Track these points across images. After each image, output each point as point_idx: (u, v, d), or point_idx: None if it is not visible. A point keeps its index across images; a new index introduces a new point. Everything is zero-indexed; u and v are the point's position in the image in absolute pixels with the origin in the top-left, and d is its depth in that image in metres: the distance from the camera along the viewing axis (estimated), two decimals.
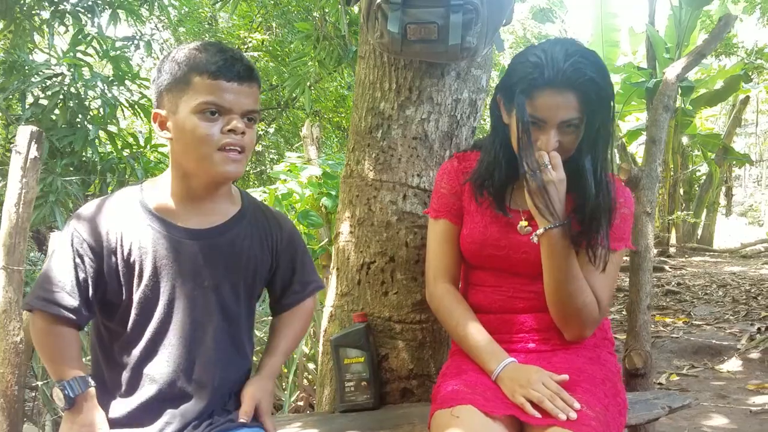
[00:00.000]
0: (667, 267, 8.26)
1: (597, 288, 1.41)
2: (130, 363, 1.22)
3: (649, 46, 9.12)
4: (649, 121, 2.27)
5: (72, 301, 1.17)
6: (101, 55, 4.48)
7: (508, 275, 1.49)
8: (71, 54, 4.20)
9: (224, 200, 1.30)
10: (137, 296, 1.22)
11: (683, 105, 9.29)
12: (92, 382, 1.20)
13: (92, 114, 4.31)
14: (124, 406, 1.22)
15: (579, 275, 1.38)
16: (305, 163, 3.56)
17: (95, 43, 4.49)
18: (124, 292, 1.22)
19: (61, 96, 4.03)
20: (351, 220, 1.84)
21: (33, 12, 4.69)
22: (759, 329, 4.55)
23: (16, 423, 1.89)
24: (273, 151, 9.78)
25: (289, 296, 1.41)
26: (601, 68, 1.34)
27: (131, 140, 4.63)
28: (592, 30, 9.52)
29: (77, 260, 1.19)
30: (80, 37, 4.33)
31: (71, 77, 4.03)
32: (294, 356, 2.83)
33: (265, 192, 3.25)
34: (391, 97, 1.77)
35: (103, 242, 1.21)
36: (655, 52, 8.90)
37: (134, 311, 1.22)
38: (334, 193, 3.10)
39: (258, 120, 1.26)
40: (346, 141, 1.96)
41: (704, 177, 11.54)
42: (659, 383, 3.62)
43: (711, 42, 2.31)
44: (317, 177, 3.26)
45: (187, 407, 1.23)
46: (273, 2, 6.83)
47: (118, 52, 4.57)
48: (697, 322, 5.03)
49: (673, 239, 10.88)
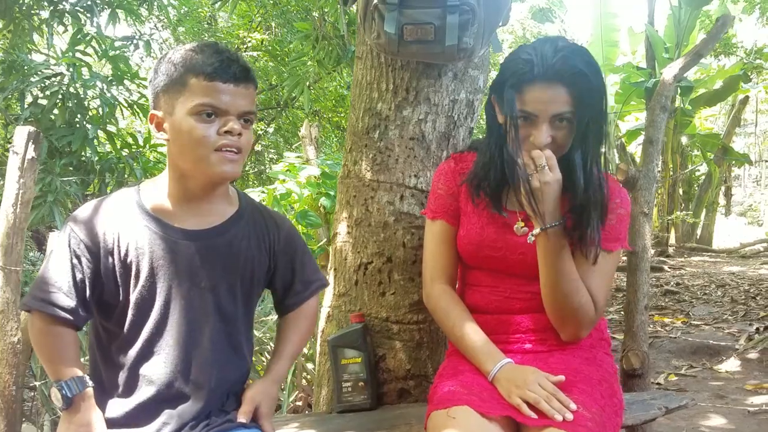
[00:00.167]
0: (666, 267, 8.26)
1: (593, 288, 1.41)
2: (127, 363, 1.23)
3: (649, 46, 9.12)
4: (647, 122, 2.27)
5: (69, 302, 1.18)
6: (100, 55, 4.47)
7: (505, 276, 1.50)
8: (70, 54, 4.20)
9: (221, 201, 1.31)
10: (134, 297, 1.22)
11: (682, 105, 9.29)
12: (90, 382, 1.20)
13: (91, 114, 4.31)
14: (122, 406, 1.22)
15: (575, 275, 1.38)
16: (304, 163, 3.56)
17: (94, 43, 4.49)
18: (121, 293, 1.23)
19: (60, 96, 4.03)
20: (348, 221, 1.84)
21: (32, 12, 4.69)
22: (757, 329, 4.55)
23: (14, 423, 1.89)
24: (272, 151, 9.78)
25: (292, 297, 1.41)
26: (592, 63, 1.34)
27: (130, 140, 4.63)
28: (592, 30, 9.51)
29: (74, 261, 1.19)
30: (79, 37, 4.33)
31: (70, 77, 4.03)
32: None
33: (264, 192, 3.25)
34: (388, 98, 1.77)
35: (100, 243, 1.21)
36: (655, 52, 8.90)
37: (131, 312, 1.22)
38: (333, 193, 3.09)
39: (254, 121, 1.26)
40: (345, 141, 1.96)
41: (703, 177, 11.52)
42: (658, 383, 3.62)
43: (708, 42, 2.32)
44: (316, 177, 3.25)
45: (185, 408, 1.23)
46: (272, 2, 6.82)
47: (117, 52, 4.57)
48: (696, 322, 5.03)
49: (673, 239, 10.88)
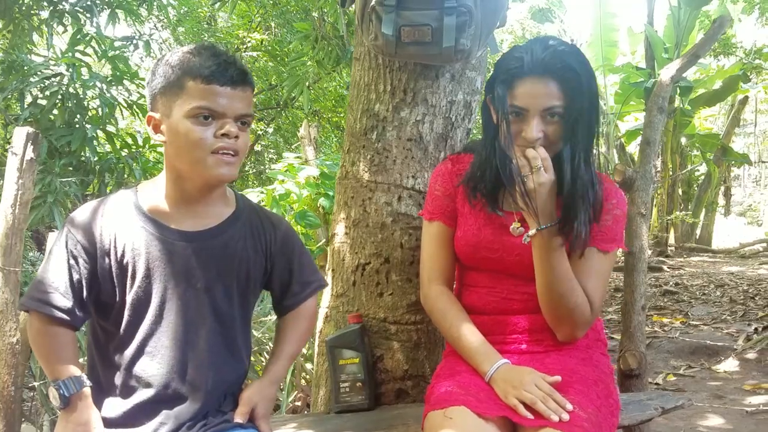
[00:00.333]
0: (666, 267, 8.27)
1: (589, 289, 1.42)
2: (124, 363, 1.23)
3: (648, 46, 9.13)
4: (644, 123, 2.28)
5: (66, 302, 1.18)
6: (100, 55, 4.48)
7: (503, 277, 1.50)
8: (70, 54, 4.20)
9: (218, 202, 1.31)
10: (130, 297, 1.23)
11: (682, 105, 9.30)
12: (87, 382, 1.20)
13: (91, 114, 4.31)
14: (119, 406, 1.23)
15: (570, 276, 1.39)
16: (303, 164, 3.56)
17: (94, 43, 4.49)
18: (118, 293, 1.23)
19: (60, 96, 4.03)
20: (346, 222, 1.84)
21: (32, 12, 4.70)
22: (756, 329, 4.56)
23: (13, 423, 1.90)
24: (272, 151, 9.78)
25: (290, 298, 1.41)
26: (581, 58, 1.36)
27: (130, 140, 4.63)
28: (591, 30, 9.52)
29: (71, 261, 1.20)
30: (79, 37, 4.34)
31: (70, 77, 4.04)
32: None
33: (263, 192, 3.25)
34: (386, 99, 1.78)
35: (97, 244, 1.22)
36: (654, 52, 8.91)
37: (127, 312, 1.23)
38: (332, 194, 3.09)
39: (251, 123, 1.27)
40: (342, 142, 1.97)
41: (703, 177, 11.53)
42: (656, 383, 3.63)
43: (706, 43, 2.32)
44: (315, 177, 3.25)
45: (182, 408, 1.23)
46: (272, 2, 6.83)
47: (117, 52, 4.58)
48: (695, 323, 5.04)
49: (672, 239, 10.88)
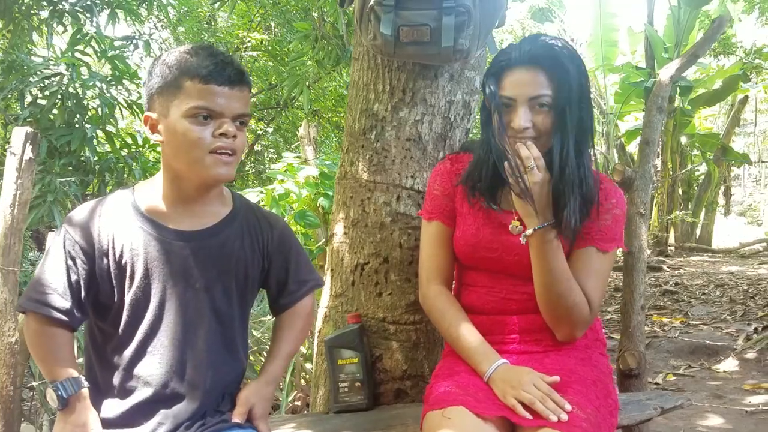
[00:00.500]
0: (665, 267, 8.27)
1: (588, 289, 1.42)
2: (122, 364, 1.23)
3: (648, 46, 9.13)
4: (644, 123, 2.28)
5: (64, 303, 1.18)
6: (99, 55, 4.48)
7: (502, 276, 1.50)
8: (69, 54, 4.20)
9: (215, 202, 1.31)
10: (128, 298, 1.23)
11: (682, 105, 9.30)
12: (85, 383, 1.20)
13: (90, 114, 4.31)
14: (117, 407, 1.23)
15: (568, 276, 1.39)
16: (302, 164, 3.56)
17: (94, 43, 4.49)
18: (116, 294, 1.23)
19: (59, 96, 4.03)
20: (345, 221, 1.84)
21: (32, 12, 4.69)
22: (756, 329, 4.56)
23: (12, 423, 1.90)
24: (272, 151, 9.78)
25: (286, 296, 1.41)
26: (570, 50, 1.38)
27: (129, 140, 4.63)
28: (591, 30, 9.53)
29: (69, 262, 1.20)
30: (79, 37, 4.34)
31: (69, 77, 4.04)
32: None
33: (262, 192, 3.25)
34: (385, 99, 1.78)
35: (95, 244, 1.22)
36: (654, 52, 8.91)
37: (126, 312, 1.23)
38: (332, 194, 3.09)
39: (248, 123, 1.27)
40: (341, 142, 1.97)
41: (703, 176, 11.53)
42: (656, 383, 3.63)
43: (705, 43, 2.32)
44: (314, 177, 3.25)
45: (180, 408, 1.23)
46: (272, 2, 6.83)
47: (117, 52, 4.58)
48: (695, 322, 5.04)
49: (672, 239, 10.88)
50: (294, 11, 6.44)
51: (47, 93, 4.09)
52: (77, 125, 4.14)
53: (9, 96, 4.31)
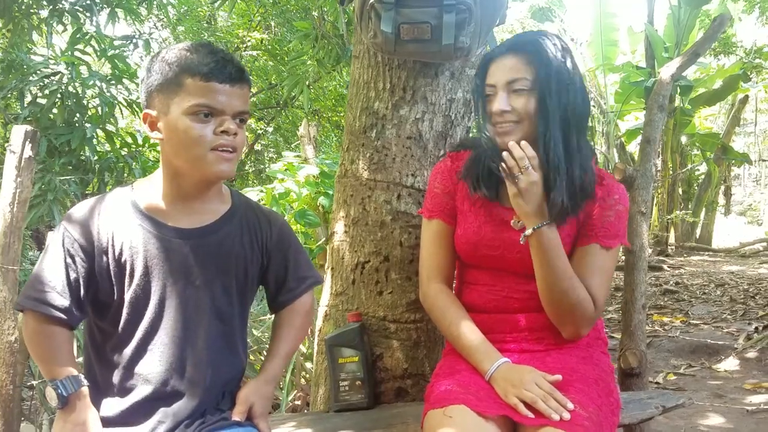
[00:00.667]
0: (666, 266, 8.26)
1: (592, 286, 1.41)
2: (122, 362, 1.23)
3: (648, 46, 9.11)
4: (645, 121, 2.27)
5: (63, 301, 1.17)
6: (99, 54, 4.48)
7: (503, 274, 1.49)
8: (69, 53, 4.20)
9: (214, 200, 1.31)
10: (128, 296, 1.22)
11: (682, 104, 9.29)
12: (85, 381, 1.20)
13: (90, 113, 4.31)
14: (117, 405, 1.22)
15: (570, 273, 1.38)
16: (302, 163, 3.56)
17: (94, 42, 4.49)
18: (116, 292, 1.22)
19: (59, 95, 4.03)
20: (345, 220, 1.84)
21: (31, 11, 4.69)
22: (756, 328, 4.56)
23: (12, 422, 1.89)
24: (272, 150, 9.78)
25: (285, 293, 1.40)
26: (553, 38, 1.41)
27: (129, 139, 4.63)
28: (591, 29, 9.52)
29: (68, 260, 1.19)
30: (78, 36, 4.34)
31: (69, 76, 4.03)
32: None
33: (263, 191, 3.25)
34: (386, 97, 1.77)
35: (95, 242, 1.21)
36: (654, 52, 8.90)
37: (125, 311, 1.22)
38: (332, 193, 3.09)
39: (247, 121, 1.26)
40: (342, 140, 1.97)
41: (703, 176, 11.52)
42: (656, 382, 3.63)
43: (706, 41, 2.31)
44: (314, 176, 3.25)
45: (180, 406, 1.23)
46: (272, 1, 6.82)
47: (117, 51, 4.58)
48: (695, 322, 5.03)
49: (672, 238, 10.88)
50: (294, 10, 6.43)
51: (47, 92, 4.09)
52: (77, 124, 4.14)
53: (9, 95, 4.31)
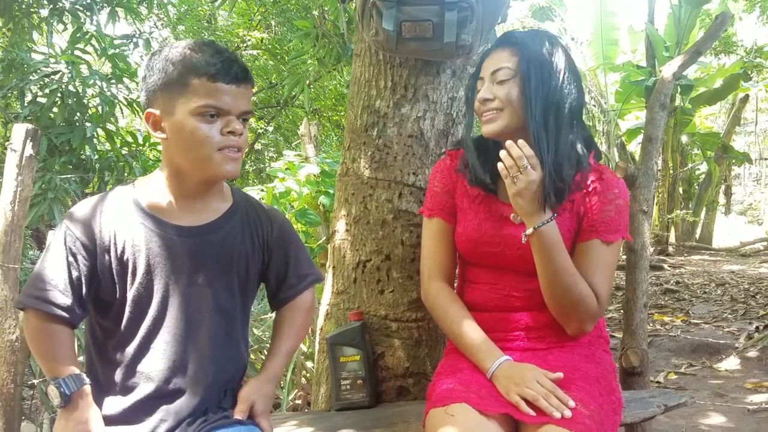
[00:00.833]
0: (666, 266, 8.25)
1: (595, 282, 1.41)
2: (125, 360, 1.22)
3: (649, 45, 9.10)
4: (646, 120, 2.27)
5: (65, 300, 1.17)
6: (99, 53, 4.47)
7: (505, 273, 1.49)
8: (69, 52, 4.20)
9: (216, 197, 1.31)
10: (131, 294, 1.22)
11: (682, 103, 9.28)
12: (87, 380, 1.20)
13: (91, 112, 4.31)
14: (119, 403, 1.22)
15: (572, 269, 1.38)
16: (303, 162, 3.55)
17: (94, 41, 4.48)
18: (118, 291, 1.22)
19: (60, 94, 4.03)
20: (347, 219, 1.84)
21: (32, 10, 4.68)
22: (757, 328, 4.55)
23: (12, 421, 1.89)
24: (272, 149, 9.78)
25: (285, 290, 1.40)
26: (541, 32, 1.46)
27: (130, 138, 4.63)
28: (592, 28, 9.51)
29: (70, 259, 1.19)
30: (79, 35, 4.33)
31: (69, 75, 4.03)
32: None
33: (263, 190, 3.25)
34: (387, 95, 1.77)
35: (97, 240, 1.21)
36: (655, 51, 8.88)
37: (128, 309, 1.22)
38: (332, 192, 3.09)
39: (249, 120, 1.27)
40: (343, 139, 1.97)
41: (703, 175, 11.51)
42: (657, 382, 3.62)
43: (707, 40, 2.31)
44: (315, 175, 3.25)
45: (182, 404, 1.23)
46: (272, 0, 6.82)
47: (117, 50, 4.57)
48: (696, 321, 5.03)
49: (672, 238, 10.87)
50: (294, 9, 6.42)
51: (47, 91, 4.09)
52: (77, 123, 4.13)
53: (9, 94, 4.30)
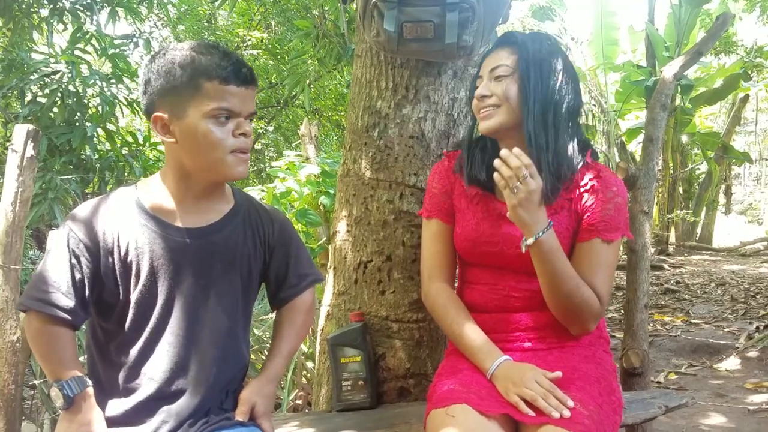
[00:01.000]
0: (666, 266, 8.25)
1: (596, 282, 1.41)
2: (128, 362, 1.22)
3: (649, 45, 9.09)
4: (647, 120, 2.27)
5: (67, 302, 1.17)
6: (100, 53, 4.47)
7: (504, 273, 1.49)
8: (70, 52, 4.20)
9: (219, 199, 1.31)
10: (134, 296, 1.22)
11: (683, 103, 9.27)
12: (89, 382, 1.20)
13: (91, 112, 4.31)
14: (121, 405, 1.22)
15: (572, 273, 1.38)
16: (303, 162, 3.55)
17: (94, 41, 4.48)
18: (121, 293, 1.22)
19: (60, 94, 4.03)
20: (348, 219, 1.84)
21: (32, 10, 4.68)
22: (757, 328, 4.55)
23: (13, 421, 1.89)
24: (272, 149, 9.78)
25: (286, 290, 1.40)
26: (541, 32, 1.50)
27: (130, 138, 4.63)
28: (592, 28, 9.50)
29: (73, 261, 1.19)
30: (79, 35, 4.33)
31: (69, 75, 4.03)
32: None
33: (264, 190, 3.25)
34: (388, 96, 1.77)
35: (100, 242, 1.21)
36: (655, 51, 8.88)
37: (132, 311, 1.22)
38: (333, 192, 3.09)
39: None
40: (344, 139, 1.97)
41: (704, 175, 11.50)
42: (657, 382, 3.62)
43: (708, 40, 2.31)
44: (315, 175, 3.25)
45: (183, 405, 1.23)
46: (272, 0, 6.81)
47: (117, 50, 4.57)
48: (696, 321, 5.03)
49: (673, 238, 10.87)
50: (294, 9, 6.42)
51: (47, 91, 4.09)
52: (77, 123, 4.13)
53: (9, 94, 4.30)
